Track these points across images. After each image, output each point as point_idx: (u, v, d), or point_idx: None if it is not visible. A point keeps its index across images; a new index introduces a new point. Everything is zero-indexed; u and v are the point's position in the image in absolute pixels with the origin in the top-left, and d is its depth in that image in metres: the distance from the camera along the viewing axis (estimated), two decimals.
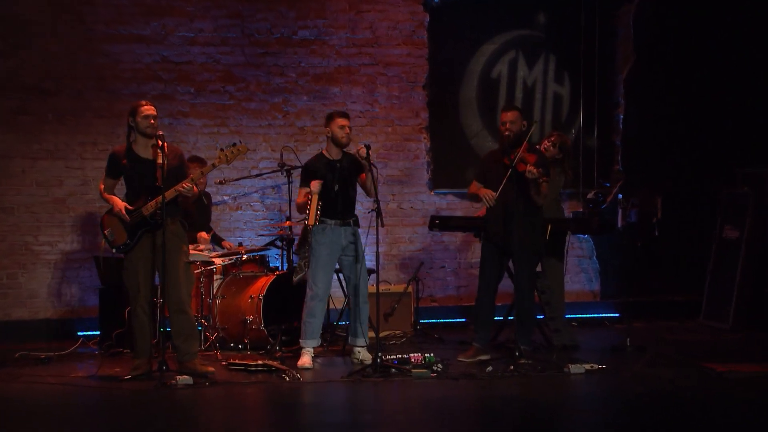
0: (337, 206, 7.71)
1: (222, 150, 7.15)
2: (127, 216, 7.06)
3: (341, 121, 7.75)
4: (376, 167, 7.58)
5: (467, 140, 10.42)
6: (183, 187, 7.00)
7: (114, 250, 7.23)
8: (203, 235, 8.72)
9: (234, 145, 7.18)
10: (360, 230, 7.84)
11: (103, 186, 7.25)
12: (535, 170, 7.43)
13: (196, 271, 8.22)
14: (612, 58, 10.78)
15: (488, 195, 7.61)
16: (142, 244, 7.10)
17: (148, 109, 7.08)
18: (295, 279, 7.93)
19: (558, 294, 8.56)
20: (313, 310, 7.68)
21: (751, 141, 10.42)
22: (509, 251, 7.70)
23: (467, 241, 10.33)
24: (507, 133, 7.69)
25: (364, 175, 7.70)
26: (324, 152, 7.86)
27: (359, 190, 7.93)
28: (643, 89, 10.76)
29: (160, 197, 6.91)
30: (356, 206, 7.96)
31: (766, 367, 7.46)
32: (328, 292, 7.80)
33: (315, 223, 7.58)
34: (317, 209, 7.57)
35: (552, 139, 8.58)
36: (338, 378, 7.10)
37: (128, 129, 7.14)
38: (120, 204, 7.11)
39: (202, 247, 8.52)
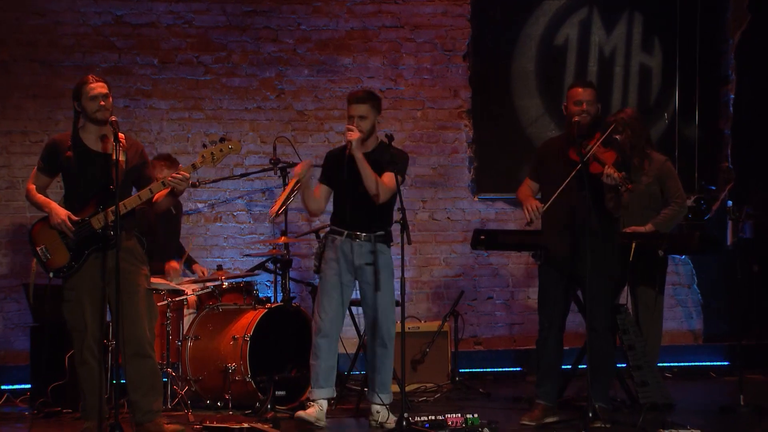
0: (351, 214, 7.73)
1: (206, 146, 7.13)
2: (71, 228, 7.10)
3: (352, 110, 7.63)
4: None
5: (522, 128, 10.48)
6: (172, 179, 6.95)
7: (51, 275, 7.14)
8: (173, 265, 8.77)
9: (222, 140, 7.14)
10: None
11: (33, 185, 7.19)
12: (616, 174, 7.37)
13: (160, 304, 8.19)
14: (719, 18, 10.82)
15: (531, 207, 7.53)
16: (89, 268, 7.07)
17: (96, 87, 7.07)
18: None
19: (653, 335, 8.49)
20: (317, 349, 7.71)
21: None
22: (577, 277, 7.71)
23: (523, 262, 10.36)
24: (582, 115, 7.58)
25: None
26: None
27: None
28: (762, 60, 10.78)
29: (115, 205, 6.87)
30: None
31: None
32: (337, 325, 7.76)
33: (277, 213, 7.61)
34: (288, 196, 7.56)
35: (619, 138, 8.32)
36: None
37: (75, 113, 7.18)
38: (61, 212, 7.03)
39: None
